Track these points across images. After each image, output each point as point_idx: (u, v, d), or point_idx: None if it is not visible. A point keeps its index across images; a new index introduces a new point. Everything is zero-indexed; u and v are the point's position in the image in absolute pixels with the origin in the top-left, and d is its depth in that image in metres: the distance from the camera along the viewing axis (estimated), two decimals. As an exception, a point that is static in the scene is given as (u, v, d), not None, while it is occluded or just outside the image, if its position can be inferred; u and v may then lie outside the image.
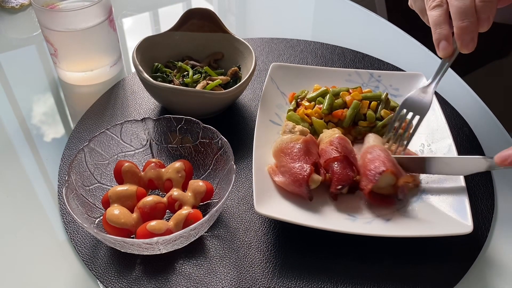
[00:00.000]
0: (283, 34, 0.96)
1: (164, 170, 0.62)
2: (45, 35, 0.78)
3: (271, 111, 0.73)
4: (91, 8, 0.75)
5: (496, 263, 0.57)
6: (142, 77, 0.69)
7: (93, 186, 0.61)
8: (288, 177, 0.60)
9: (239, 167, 0.68)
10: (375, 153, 0.62)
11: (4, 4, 1.03)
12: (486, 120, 0.77)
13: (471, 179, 0.66)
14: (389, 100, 0.74)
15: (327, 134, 0.67)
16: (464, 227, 0.55)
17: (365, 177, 0.60)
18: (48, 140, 0.74)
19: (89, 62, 0.82)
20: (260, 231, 0.60)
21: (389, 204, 0.60)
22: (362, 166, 0.62)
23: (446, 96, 0.80)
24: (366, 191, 0.59)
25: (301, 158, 0.61)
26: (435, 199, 0.61)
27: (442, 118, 0.69)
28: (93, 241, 0.58)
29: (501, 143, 0.73)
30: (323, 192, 0.62)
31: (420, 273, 0.55)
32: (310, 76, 0.79)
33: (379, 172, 0.58)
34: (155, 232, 0.53)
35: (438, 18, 0.60)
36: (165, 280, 0.55)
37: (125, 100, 0.80)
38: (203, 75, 0.76)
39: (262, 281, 0.55)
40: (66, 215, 0.61)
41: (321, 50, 0.91)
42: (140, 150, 0.66)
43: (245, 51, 0.77)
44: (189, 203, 0.58)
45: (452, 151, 0.64)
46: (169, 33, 0.79)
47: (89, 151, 0.61)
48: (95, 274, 0.55)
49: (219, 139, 0.62)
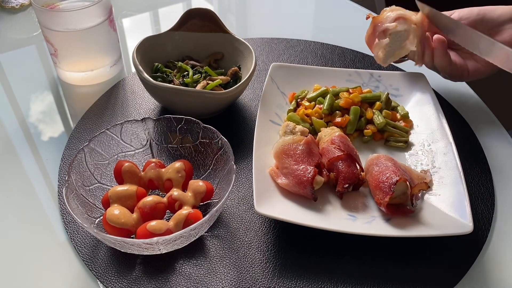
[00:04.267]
0: (283, 34, 0.96)
1: (164, 170, 0.62)
2: (45, 35, 0.78)
3: (271, 111, 0.73)
4: (91, 8, 0.75)
5: (496, 263, 0.57)
6: (142, 77, 0.69)
7: (93, 186, 0.61)
8: (291, 179, 0.60)
9: (239, 167, 0.68)
10: (382, 165, 0.61)
11: (4, 4, 1.03)
12: (486, 120, 0.77)
13: (471, 179, 0.66)
14: (390, 100, 0.74)
15: (326, 132, 0.67)
16: (464, 227, 0.55)
17: (378, 190, 0.59)
18: (48, 140, 0.74)
19: (89, 62, 0.82)
20: (260, 231, 0.60)
21: (407, 213, 0.59)
22: (371, 180, 0.61)
23: (446, 96, 0.80)
24: (384, 204, 0.58)
25: (304, 160, 0.61)
26: (435, 199, 0.61)
27: (442, 118, 0.69)
28: (93, 241, 0.58)
29: (501, 143, 0.73)
30: (324, 192, 0.62)
31: (420, 273, 0.55)
32: (310, 76, 0.79)
33: (394, 183, 0.58)
34: (155, 232, 0.53)
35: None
36: (165, 280, 0.55)
37: (125, 100, 0.80)
38: (203, 75, 0.76)
39: (262, 281, 0.55)
40: (66, 215, 0.61)
41: (321, 50, 0.91)
42: (140, 150, 0.66)
43: (245, 51, 0.77)
44: (189, 203, 0.58)
45: (452, 151, 0.64)
46: (169, 33, 0.79)
47: (89, 151, 0.61)
48: (95, 274, 0.55)
49: (219, 139, 0.62)
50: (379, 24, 0.63)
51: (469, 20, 0.72)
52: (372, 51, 0.65)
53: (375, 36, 0.64)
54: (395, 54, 0.64)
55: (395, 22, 0.62)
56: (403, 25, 0.62)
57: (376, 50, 0.65)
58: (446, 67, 0.73)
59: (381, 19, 0.63)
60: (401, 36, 0.62)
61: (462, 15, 0.73)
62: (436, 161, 0.65)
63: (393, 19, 0.62)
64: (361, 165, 0.64)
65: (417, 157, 0.68)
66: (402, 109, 0.74)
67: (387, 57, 0.64)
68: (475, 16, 0.72)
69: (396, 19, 0.62)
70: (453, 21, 0.67)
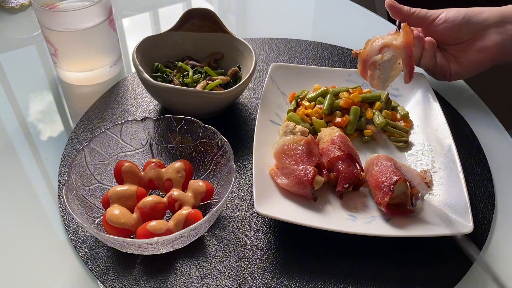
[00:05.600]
0: (283, 34, 0.96)
1: (164, 170, 0.62)
2: (45, 35, 0.78)
3: (271, 111, 0.73)
4: (91, 8, 0.75)
5: (496, 263, 0.57)
6: (142, 77, 0.69)
7: (93, 186, 0.61)
8: (291, 179, 0.60)
9: (239, 167, 0.68)
10: (382, 165, 0.61)
11: (4, 4, 1.03)
12: (486, 120, 0.77)
13: (471, 179, 0.66)
14: (390, 100, 0.74)
15: (326, 132, 0.67)
16: (464, 227, 0.55)
17: (378, 190, 0.59)
18: (48, 140, 0.74)
19: (89, 62, 0.82)
20: (260, 231, 0.60)
21: (407, 213, 0.59)
22: (371, 180, 0.61)
23: (446, 96, 0.80)
24: (384, 204, 0.58)
25: (304, 160, 0.61)
26: (435, 199, 0.61)
27: (442, 118, 0.69)
28: (93, 241, 0.58)
29: (501, 143, 0.73)
30: (324, 192, 0.62)
31: (420, 273, 0.55)
32: (310, 76, 0.79)
33: (393, 182, 0.58)
34: (155, 232, 0.53)
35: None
36: (165, 280, 0.55)
37: (125, 100, 0.80)
38: (203, 75, 0.76)
39: (262, 281, 0.55)
40: (66, 215, 0.61)
41: (321, 50, 0.91)
42: (140, 150, 0.66)
43: (245, 51, 0.77)
44: (189, 203, 0.58)
45: (452, 151, 0.64)
46: (169, 33, 0.79)
47: (89, 151, 0.61)
48: (95, 274, 0.55)
49: (219, 139, 0.62)
50: (367, 58, 0.67)
51: (454, 23, 0.74)
52: (369, 83, 0.69)
53: (366, 69, 0.68)
54: (391, 77, 0.68)
55: (380, 53, 0.66)
56: (388, 53, 0.66)
57: (371, 80, 0.69)
58: (431, 68, 0.77)
59: (367, 53, 0.67)
60: (390, 62, 0.66)
61: (449, 16, 0.75)
62: (436, 161, 0.65)
63: (378, 51, 0.66)
64: (361, 165, 0.64)
65: (417, 157, 0.68)
66: (402, 109, 0.74)
67: (383, 82, 0.68)
68: (460, 20, 0.74)
69: (381, 49, 0.66)
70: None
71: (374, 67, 0.67)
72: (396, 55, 0.66)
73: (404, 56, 0.65)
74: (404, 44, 0.65)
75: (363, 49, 0.68)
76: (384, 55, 0.65)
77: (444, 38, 0.76)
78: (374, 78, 0.68)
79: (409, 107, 0.75)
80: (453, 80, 0.78)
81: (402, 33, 0.65)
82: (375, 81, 0.68)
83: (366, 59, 0.67)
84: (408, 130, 0.71)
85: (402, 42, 0.65)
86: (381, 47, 0.66)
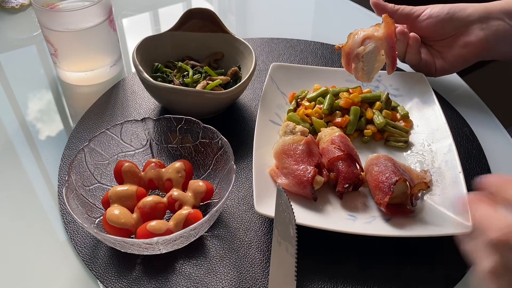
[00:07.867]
0: (283, 34, 0.96)
1: (164, 170, 0.62)
2: (45, 35, 0.78)
3: (271, 111, 0.73)
4: (91, 8, 0.75)
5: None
6: (142, 77, 0.69)
7: (93, 186, 0.61)
8: (291, 179, 0.60)
9: (239, 167, 0.68)
10: (382, 165, 0.61)
11: (4, 4, 1.03)
12: (486, 120, 0.77)
13: (471, 179, 0.66)
14: (390, 100, 0.74)
15: (326, 132, 0.67)
16: (464, 227, 0.55)
17: (378, 190, 0.59)
18: (48, 140, 0.74)
19: (89, 62, 0.82)
20: (260, 231, 0.60)
21: (407, 213, 0.59)
22: (371, 180, 0.61)
23: (446, 96, 0.80)
24: (384, 204, 0.58)
25: (304, 160, 0.61)
26: (435, 199, 0.61)
27: (442, 118, 0.69)
28: (93, 241, 0.58)
29: (501, 143, 0.73)
30: (324, 192, 0.62)
31: (420, 273, 0.55)
32: (310, 76, 0.79)
33: (393, 182, 0.58)
34: (155, 232, 0.53)
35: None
36: (165, 280, 0.55)
37: (125, 100, 0.80)
38: (203, 75, 0.76)
39: (262, 281, 0.55)
40: (66, 215, 0.61)
41: (321, 50, 0.91)
42: (140, 150, 0.66)
43: (245, 51, 0.77)
44: (189, 203, 0.58)
45: (452, 151, 0.64)
46: (169, 33, 0.79)
47: (89, 151, 0.61)
48: (95, 274, 0.55)
49: (219, 139, 0.62)
50: (349, 51, 0.68)
51: (438, 19, 0.75)
52: (354, 76, 0.70)
53: (350, 62, 0.69)
54: (375, 69, 0.69)
55: (362, 45, 0.67)
56: (370, 45, 0.66)
57: (356, 73, 0.70)
58: (416, 64, 0.78)
59: (350, 46, 0.68)
60: (372, 53, 0.67)
61: (433, 12, 0.76)
62: (436, 161, 0.65)
63: (360, 43, 0.67)
64: (361, 165, 0.64)
65: (417, 157, 0.68)
66: (402, 109, 0.74)
67: (368, 74, 0.69)
68: (444, 15, 0.75)
69: (363, 41, 0.67)
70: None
71: (358, 59, 0.68)
72: (378, 46, 0.67)
73: (386, 47, 0.66)
74: (386, 35, 0.66)
75: (346, 43, 0.68)
76: (366, 46, 0.66)
77: (428, 34, 0.77)
78: (358, 70, 0.69)
79: (409, 107, 0.75)
80: (438, 75, 0.80)
81: (383, 24, 0.66)
82: (360, 74, 0.69)
83: (349, 52, 0.68)
84: (408, 130, 0.71)
85: (383, 33, 0.66)
86: (363, 39, 0.67)
